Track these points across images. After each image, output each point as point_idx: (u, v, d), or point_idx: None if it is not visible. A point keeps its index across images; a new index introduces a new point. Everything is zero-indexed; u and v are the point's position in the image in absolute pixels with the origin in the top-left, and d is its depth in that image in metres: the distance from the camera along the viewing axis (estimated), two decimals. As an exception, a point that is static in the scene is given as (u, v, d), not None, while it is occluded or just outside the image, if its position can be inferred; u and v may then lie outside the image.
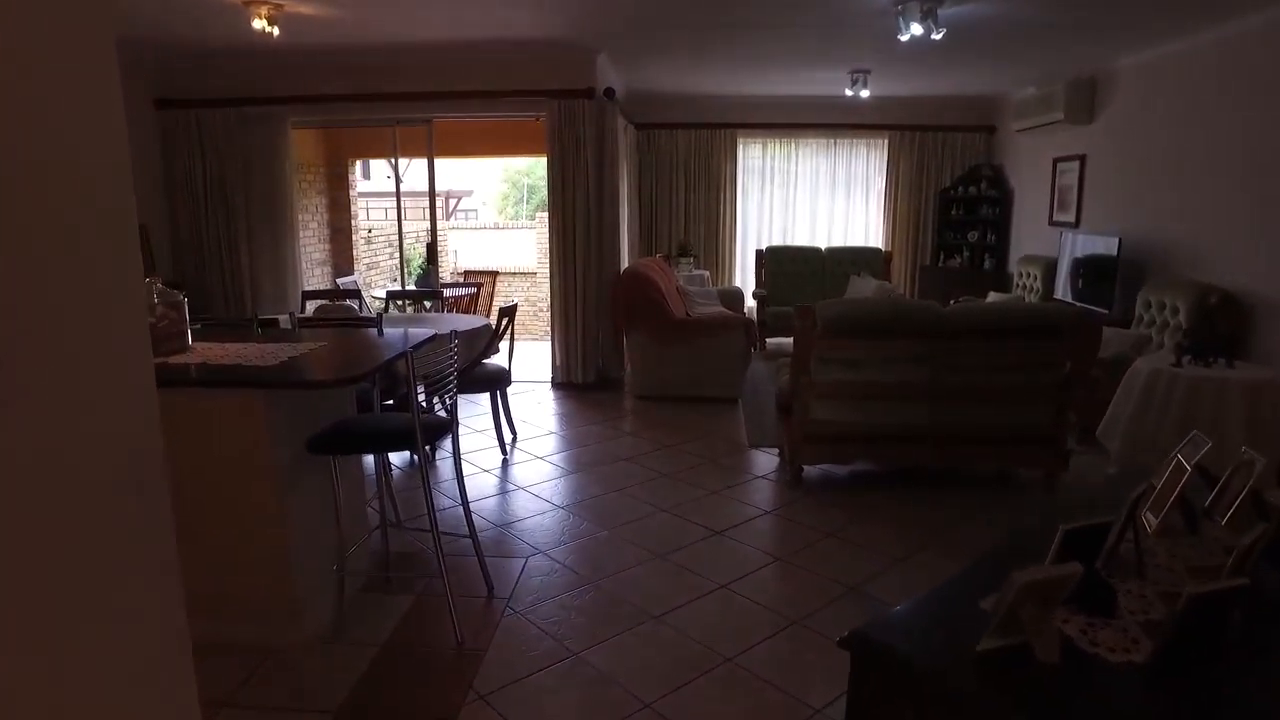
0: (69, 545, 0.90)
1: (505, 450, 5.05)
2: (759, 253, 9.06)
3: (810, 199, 9.55)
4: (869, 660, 1.34)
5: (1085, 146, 6.96)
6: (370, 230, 9.85)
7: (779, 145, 9.47)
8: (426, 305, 6.63)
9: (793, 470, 4.46)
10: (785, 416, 4.78)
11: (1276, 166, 4.73)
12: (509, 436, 5.28)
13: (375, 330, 4.05)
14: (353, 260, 9.81)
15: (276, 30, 4.76)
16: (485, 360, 4.99)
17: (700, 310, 7.21)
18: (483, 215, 21.81)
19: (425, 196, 7.10)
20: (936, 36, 4.76)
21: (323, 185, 9.40)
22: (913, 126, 8.98)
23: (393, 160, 7.11)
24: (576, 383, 6.69)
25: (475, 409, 5.87)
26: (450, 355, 2.93)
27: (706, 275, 8.85)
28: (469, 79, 6.29)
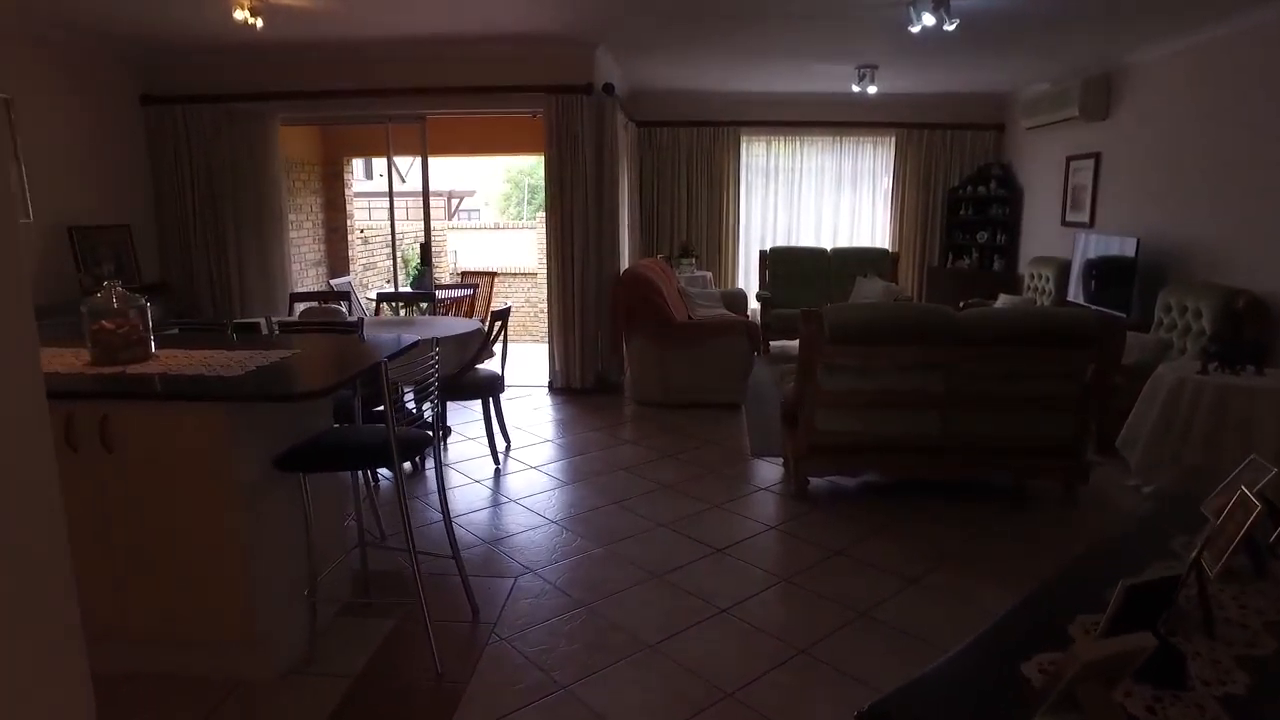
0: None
1: (498, 459, 4.84)
2: (762, 253, 8.84)
3: (815, 198, 9.33)
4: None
5: (1100, 144, 6.73)
6: (363, 231, 9.63)
7: (783, 143, 9.26)
8: (422, 306, 6.44)
9: (798, 482, 4.25)
10: (790, 425, 4.57)
11: (1306, 164, 4.51)
12: (502, 445, 5.08)
13: (358, 335, 3.87)
14: (349, 261, 9.62)
15: (260, 22, 4.56)
16: (477, 365, 4.79)
17: (702, 313, 7.00)
18: (485, 215, 21.63)
19: (431, 195, 6.90)
20: (949, 28, 4.55)
21: (318, 184, 9.21)
22: (920, 124, 8.77)
23: (387, 158, 6.90)
24: (575, 388, 6.48)
25: (468, 414, 5.67)
26: (430, 365, 2.73)
27: (709, 277, 8.64)
28: (463, 74, 6.09)
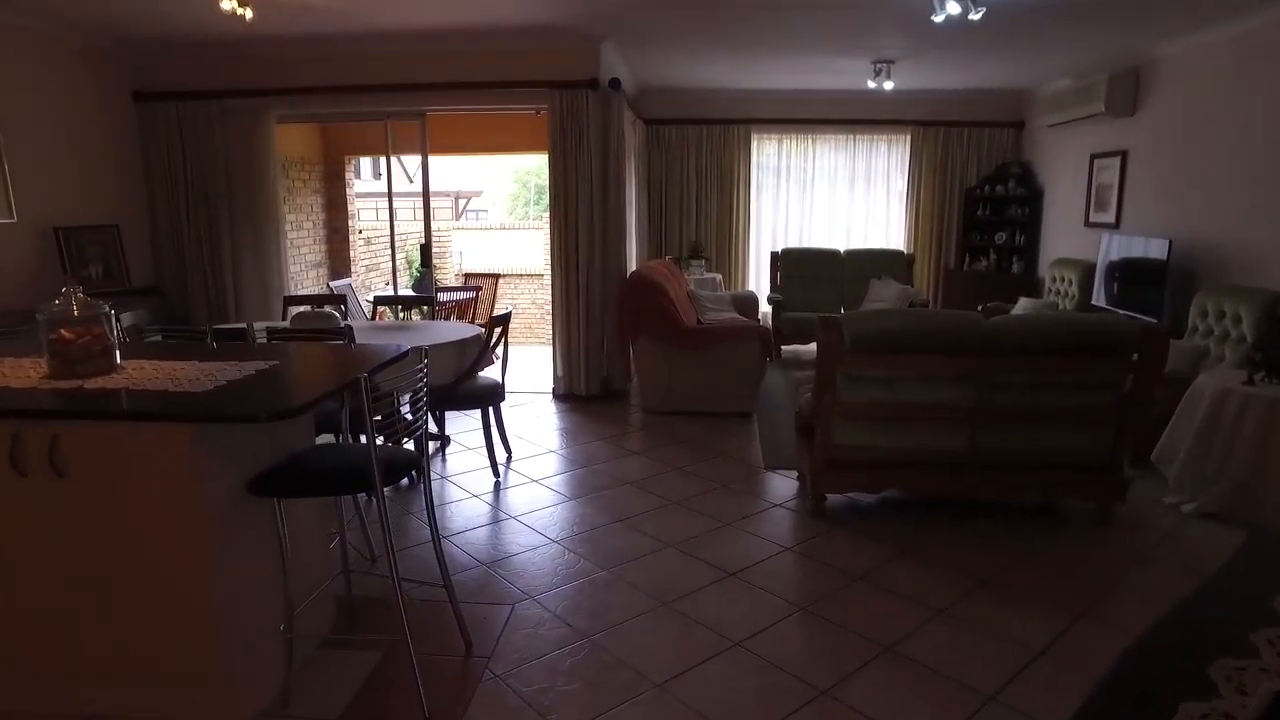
0: None
1: (498, 472, 4.61)
2: (774, 255, 8.59)
3: (828, 198, 9.08)
4: None
5: (1127, 141, 6.46)
6: (363, 231, 9.43)
7: (795, 142, 9.01)
8: (423, 310, 6.23)
9: (814, 499, 4.00)
10: (805, 438, 4.33)
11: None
12: (503, 456, 4.86)
13: (350, 342, 3.65)
14: (350, 262, 9.42)
15: (249, 13, 4.34)
16: (477, 373, 4.57)
17: (712, 317, 6.76)
18: (493, 216, 21.43)
19: (439, 196, 6.71)
20: (975, 16, 4.30)
21: (319, 184, 9.01)
22: (936, 122, 8.50)
23: (386, 156, 6.69)
24: (579, 394, 6.25)
25: (468, 423, 5.45)
26: (418, 378, 2.50)
27: (719, 279, 8.40)
28: (464, 69, 5.87)
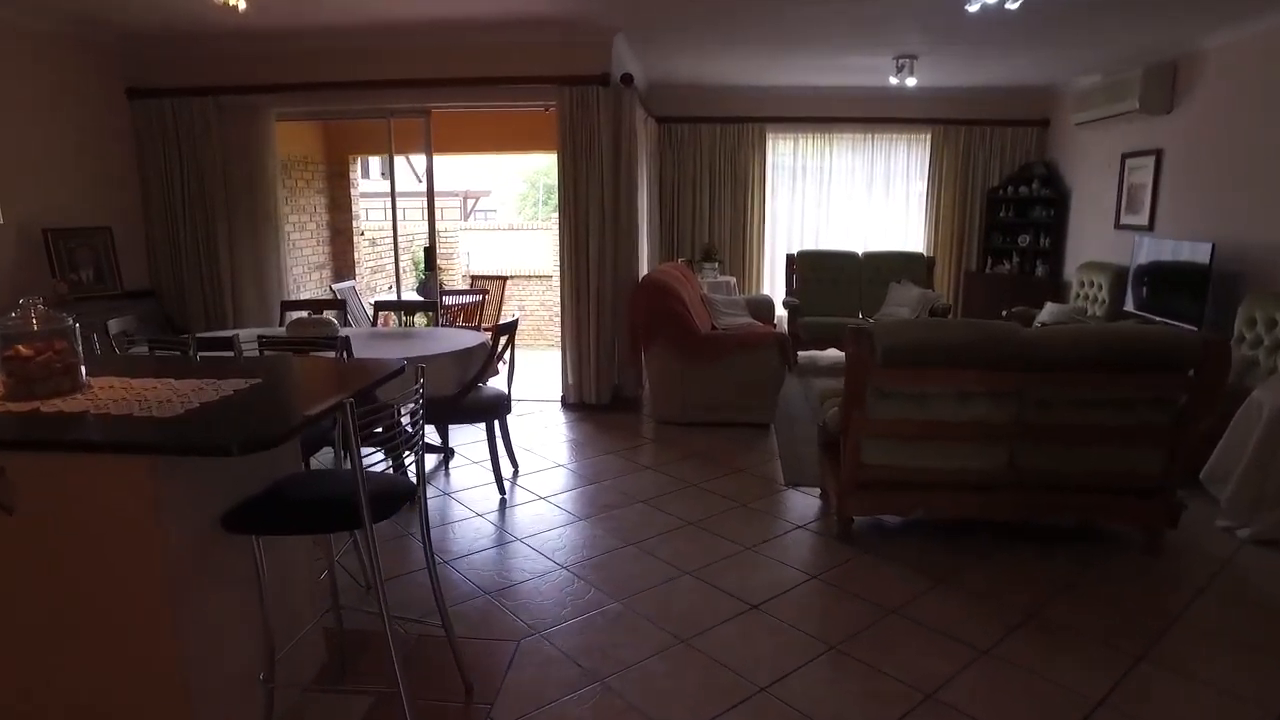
0: None
1: (503, 488, 4.37)
2: (790, 257, 8.33)
3: (846, 199, 8.80)
4: None
5: (1162, 140, 6.17)
6: (365, 232, 9.21)
7: (812, 141, 8.73)
8: (429, 315, 6.00)
9: (840, 521, 3.74)
10: (829, 454, 4.07)
11: None
12: (509, 470, 4.61)
13: (343, 354, 3.42)
14: (354, 264, 9.20)
15: (242, 4, 4.10)
16: (481, 384, 4.32)
17: (727, 321, 6.50)
18: (501, 216, 21.22)
19: (447, 196, 6.48)
20: (1012, 5, 4.03)
21: (322, 184, 8.80)
22: (958, 121, 8.22)
23: (389, 155, 6.46)
24: (589, 403, 6.00)
25: (474, 433, 5.21)
26: (413, 401, 2.25)
27: (733, 282, 8.13)
28: (469, 64, 5.63)
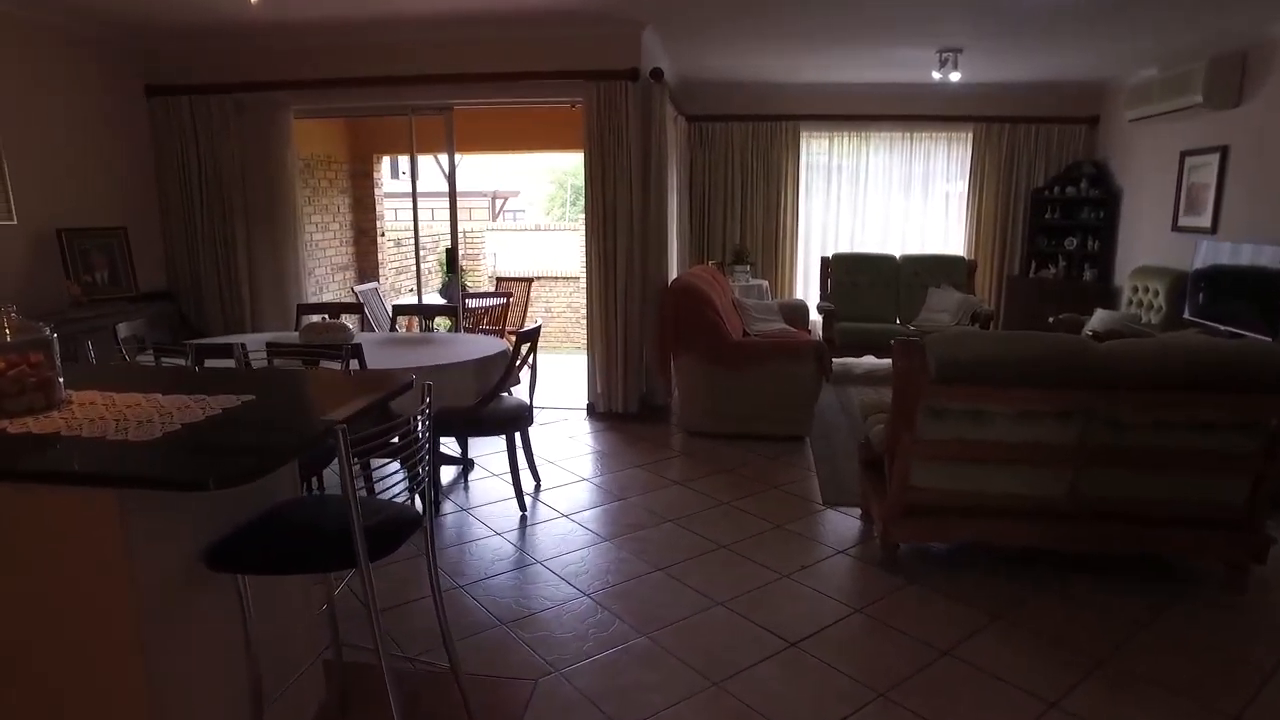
0: None
1: (524, 505, 4.13)
2: (824, 260, 8.03)
3: (883, 200, 8.48)
4: None
5: (1227, 136, 5.79)
6: (386, 234, 9.04)
7: (847, 139, 8.42)
8: (450, 319, 5.80)
9: (885, 547, 3.46)
10: (871, 472, 3.80)
11: None
12: (530, 485, 4.38)
13: (349, 363, 3.20)
14: (377, 265, 9.05)
15: (255, -4, 3.94)
16: (501, 393, 4.09)
17: (760, 327, 6.23)
18: (529, 216, 21.09)
19: (476, 196, 6.27)
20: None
21: (346, 184, 8.64)
22: (1001, 118, 7.86)
23: (410, 153, 6.26)
24: (617, 412, 5.75)
25: (495, 442, 4.98)
26: (416, 426, 2.02)
27: (765, 285, 7.85)
28: (493, 59, 5.41)
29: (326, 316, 4.74)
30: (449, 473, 4.66)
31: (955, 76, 6.29)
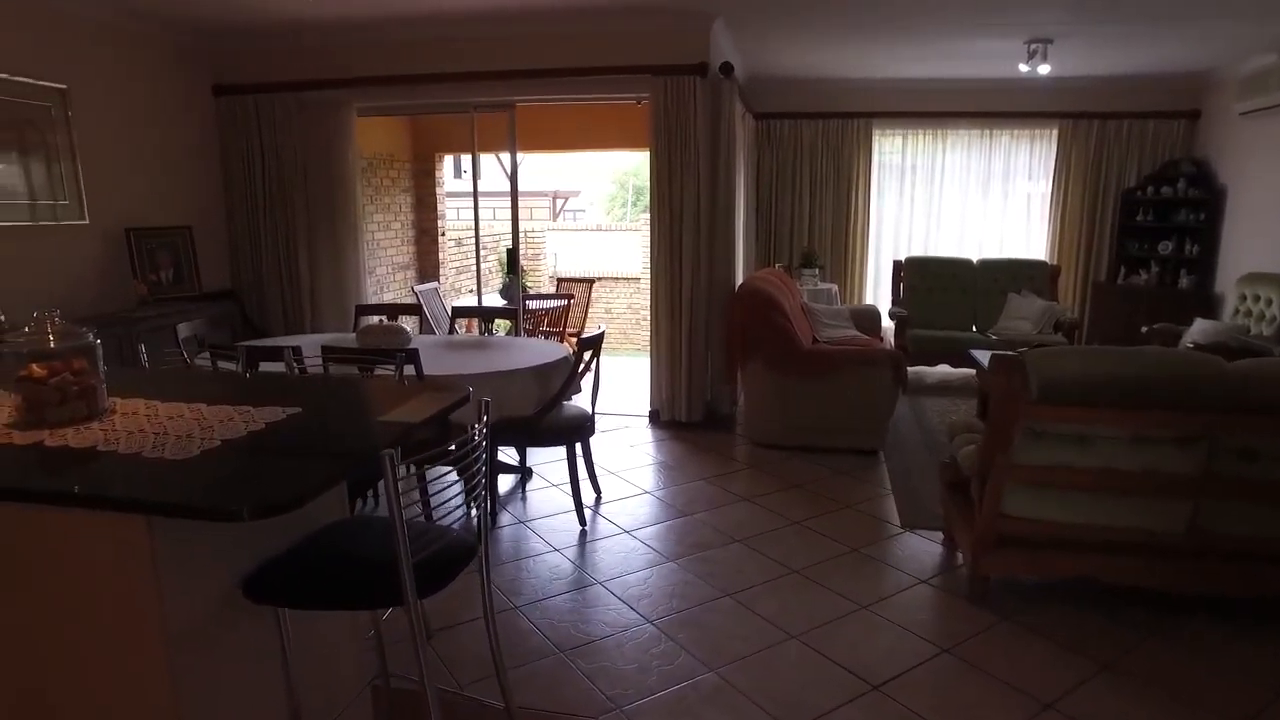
0: None
1: (584, 519, 3.95)
2: (897, 264, 7.68)
3: (959, 201, 8.08)
4: None
5: (1352, 132, 5.30)
6: (446, 233, 8.99)
7: (922, 138, 8.06)
8: (506, 324, 5.66)
9: (973, 580, 3.17)
10: (956, 495, 3.51)
11: None
12: (590, 497, 4.20)
13: (402, 371, 3.06)
14: (438, 264, 9.00)
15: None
16: (562, 402, 3.92)
17: (829, 334, 5.95)
18: (590, 216, 21.02)
19: (536, 196, 6.14)
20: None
21: (408, 183, 8.62)
22: (1090, 114, 7.40)
23: (472, 151, 6.16)
24: (680, 420, 5.53)
25: (554, 450, 4.81)
26: (472, 450, 1.84)
27: (834, 290, 7.55)
28: (557, 54, 5.25)
29: (384, 318, 4.64)
30: (506, 482, 4.51)
31: (1045, 69, 5.91)
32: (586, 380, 4.01)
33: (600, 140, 8.45)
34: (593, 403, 4.04)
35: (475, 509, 1.89)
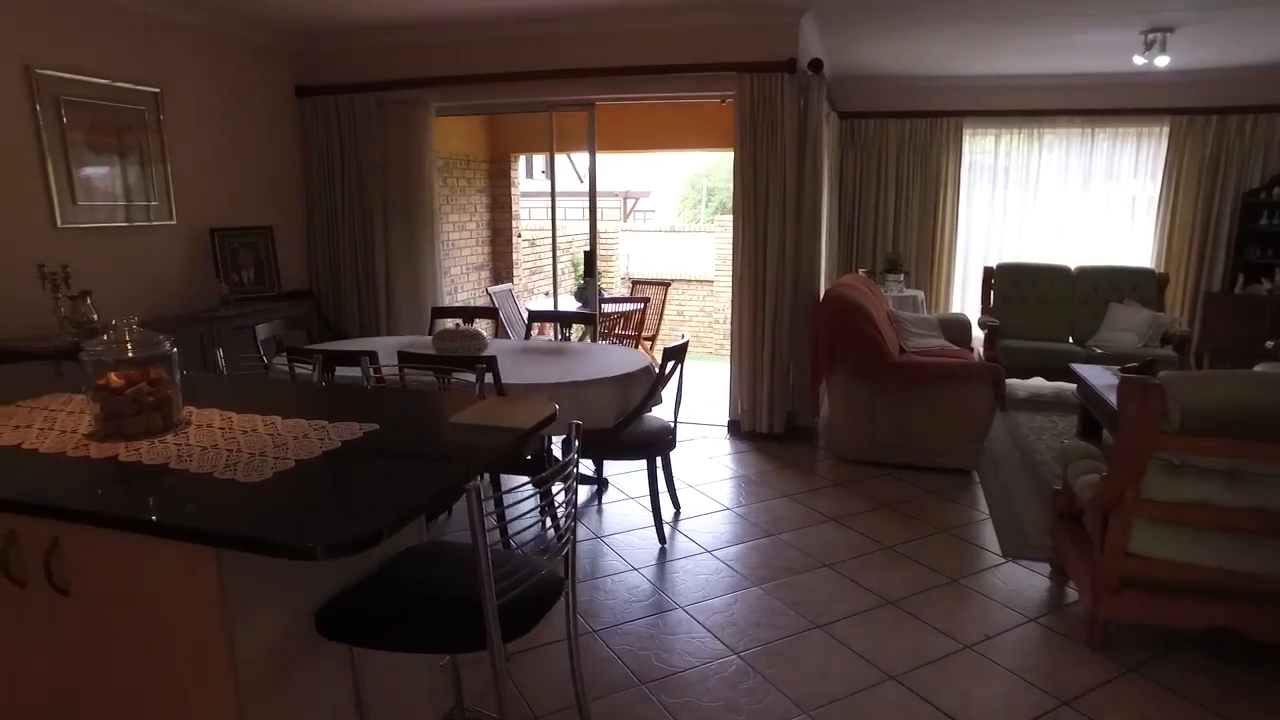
0: None
1: (664, 537, 3.77)
2: (987, 270, 7.28)
3: (1056, 204, 7.64)
4: None
5: None
6: (520, 234, 8.93)
7: (1017, 137, 7.65)
8: (582, 330, 5.53)
9: (1093, 623, 2.88)
10: (1069, 526, 3.22)
11: None
12: (669, 512, 4.03)
13: (482, 381, 2.93)
14: (512, 265, 8.97)
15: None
16: (644, 414, 3.75)
17: (917, 343, 5.66)
18: (660, 217, 20.86)
19: (607, 196, 6.01)
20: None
21: (484, 183, 8.60)
22: (1207, 109, 6.88)
23: (550, 151, 6.05)
24: (760, 432, 5.31)
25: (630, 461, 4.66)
26: (564, 478, 1.68)
27: (920, 297, 7.21)
28: (638, 52, 5.09)
29: (460, 321, 4.56)
30: (582, 493, 4.38)
31: (1163, 61, 5.48)
32: (665, 389, 3.83)
33: (675, 140, 8.27)
34: (675, 415, 3.86)
35: (565, 541, 1.73)
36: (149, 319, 4.42)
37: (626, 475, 4.57)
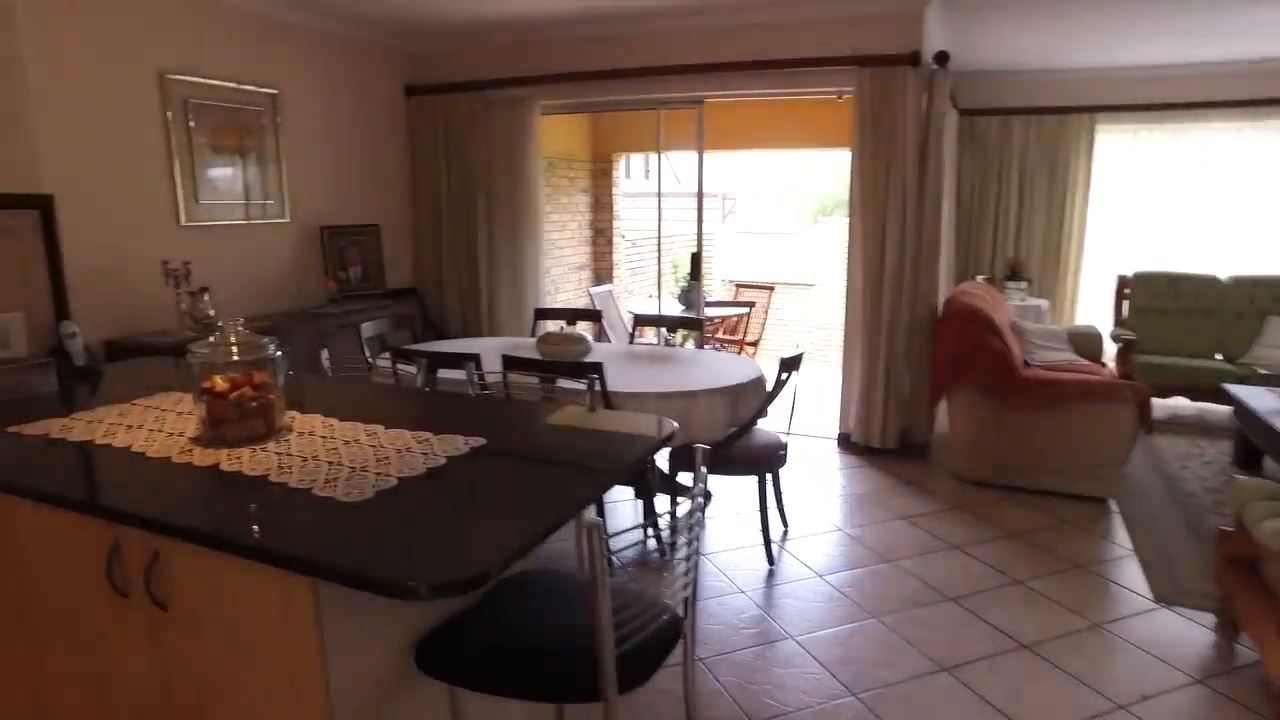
0: None
1: (772, 558, 3.55)
2: (1122, 279, 6.72)
3: (1201, 207, 7.00)
4: None
5: None
6: (625, 235, 8.83)
7: (1156, 133, 7.04)
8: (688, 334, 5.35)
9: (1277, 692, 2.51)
10: (1243, 574, 2.84)
11: None
12: (778, 531, 3.80)
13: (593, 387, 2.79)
14: (612, 266, 8.88)
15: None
16: (754, 427, 3.54)
17: (1044, 356, 5.23)
18: (757, 219, 20.48)
19: (706, 197, 5.80)
20: None
21: (586, 183, 8.54)
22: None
23: (657, 150, 5.91)
24: (873, 447, 5.01)
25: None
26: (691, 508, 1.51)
27: (1044, 307, 6.72)
28: (750, 46, 4.87)
29: (564, 324, 4.45)
30: (686, 506, 4.19)
31: (1340, 49, 4.88)
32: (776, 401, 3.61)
33: (781, 139, 7.99)
34: (788, 428, 3.64)
35: (687, 579, 1.55)
36: (259, 315, 4.50)
37: (730, 486, 4.36)
